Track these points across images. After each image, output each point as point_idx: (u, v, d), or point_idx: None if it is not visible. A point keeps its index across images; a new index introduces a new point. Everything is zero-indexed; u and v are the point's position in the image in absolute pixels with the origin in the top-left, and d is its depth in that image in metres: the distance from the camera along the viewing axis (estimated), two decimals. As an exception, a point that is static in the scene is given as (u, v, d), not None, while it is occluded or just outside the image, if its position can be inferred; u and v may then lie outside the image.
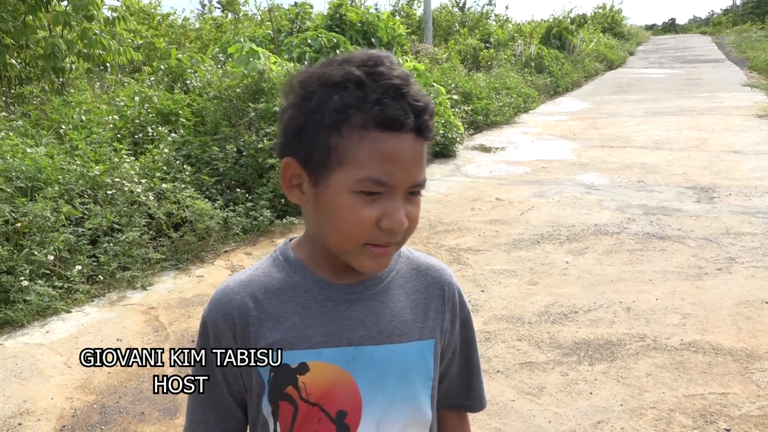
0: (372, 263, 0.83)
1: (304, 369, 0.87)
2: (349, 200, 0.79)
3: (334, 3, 9.09)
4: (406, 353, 0.90)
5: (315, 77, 0.81)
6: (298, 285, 0.89)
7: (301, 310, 0.88)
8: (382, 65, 0.79)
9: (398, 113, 0.76)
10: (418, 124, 0.78)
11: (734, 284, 3.55)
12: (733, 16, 49.19)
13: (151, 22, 13.15)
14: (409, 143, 0.78)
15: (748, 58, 19.44)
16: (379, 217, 0.79)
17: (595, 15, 29.54)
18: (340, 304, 0.88)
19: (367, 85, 0.77)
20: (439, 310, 0.94)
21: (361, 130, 0.77)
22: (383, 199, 0.79)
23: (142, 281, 3.82)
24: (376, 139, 0.77)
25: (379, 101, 0.76)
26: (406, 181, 0.79)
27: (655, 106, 11.31)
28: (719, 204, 5.11)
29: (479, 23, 19.07)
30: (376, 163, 0.77)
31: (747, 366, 2.72)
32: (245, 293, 0.89)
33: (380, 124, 0.76)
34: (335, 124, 0.78)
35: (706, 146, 7.46)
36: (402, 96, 0.77)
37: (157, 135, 5.48)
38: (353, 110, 0.77)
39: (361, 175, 0.78)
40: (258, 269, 0.93)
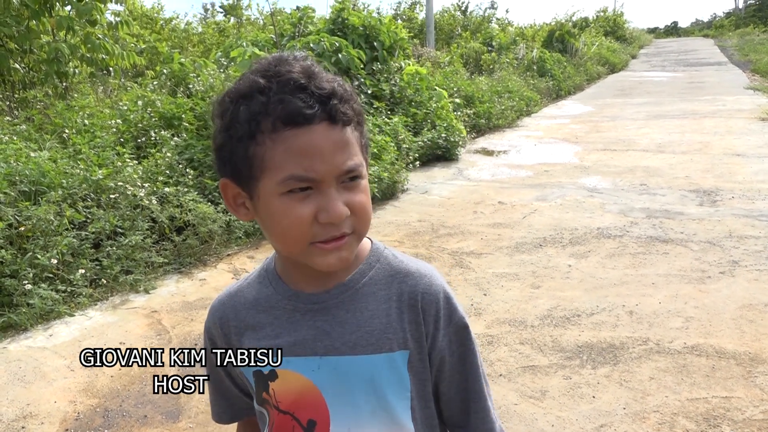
0: (329, 259, 0.81)
1: (273, 376, 0.90)
2: (279, 204, 0.79)
3: (336, 7, 9.11)
4: (374, 365, 0.87)
5: (227, 94, 0.82)
6: (271, 296, 0.91)
7: (273, 320, 0.90)
8: (282, 64, 0.79)
9: (299, 106, 0.76)
10: (327, 111, 0.77)
11: (737, 288, 3.54)
12: (736, 19, 49.19)
13: (154, 27, 13.20)
14: (322, 133, 0.77)
15: (750, 61, 19.43)
16: (315, 213, 0.78)
17: (597, 18, 29.58)
18: (305, 314, 0.88)
19: (270, 88, 0.77)
20: (414, 320, 0.89)
21: (272, 133, 0.77)
22: (314, 195, 0.78)
23: (144, 285, 3.83)
24: (287, 137, 0.76)
25: (281, 100, 0.76)
26: (330, 172, 0.78)
27: (658, 109, 11.31)
28: (722, 207, 5.10)
29: (481, 27, 19.09)
30: (293, 161, 0.77)
31: (750, 370, 2.71)
32: (229, 305, 0.95)
33: (285, 121, 0.76)
34: (249, 135, 0.78)
35: (709, 149, 7.46)
36: (301, 88, 0.77)
37: (159, 139, 5.49)
38: (261, 116, 0.77)
39: (281, 176, 0.77)
40: (246, 280, 0.97)
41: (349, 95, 0.81)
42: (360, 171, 0.81)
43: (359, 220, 0.82)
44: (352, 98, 0.82)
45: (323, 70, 0.81)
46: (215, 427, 2.48)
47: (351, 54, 7.84)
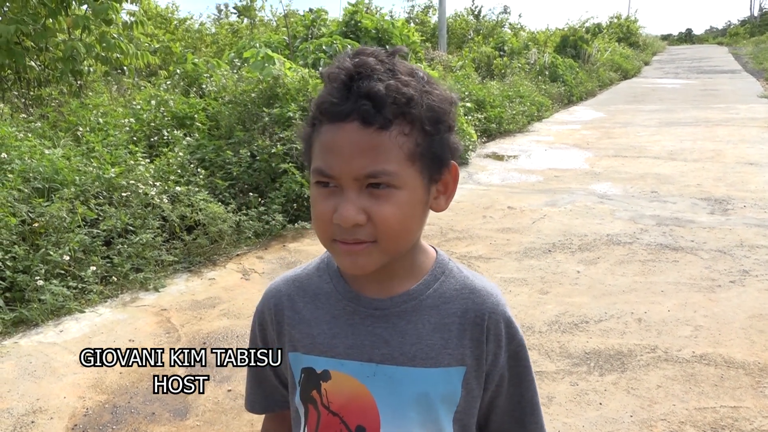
0: (344, 261, 0.80)
1: (326, 376, 0.88)
2: (314, 191, 0.80)
3: (349, 9, 9.15)
4: (430, 379, 0.86)
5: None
6: (331, 294, 0.89)
7: (331, 318, 0.88)
8: (354, 56, 0.78)
9: (337, 103, 0.75)
10: (360, 111, 0.74)
11: (748, 297, 3.52)
12: (751, 27, 48.83)
13: (168, 27, 13.30)
14: (351, 132, 0.75)
15: (765, 69, 19.29)
16: (333, 210, 0.77)
17: (610, 24, 29.47)
18: (365, 319, 0.86)
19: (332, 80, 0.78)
20: (476, 339, 0.87)
21: (319, 123, 0.79)
22: (337, 192, 0.77)
23: (154, 283, 3.86)
24: (324, 130, 0.78)
25: (327, 92, 0.77)
26: (348, 173, 0.75)
27: (670, 116, 11.25)
28: (733, 216, 5.07)
29: (493, 31, 19.08)
30: (321, 155, 0.78)
31: (759, 380, 2.69)
32: (285, 292, 0.93)
33: (326, 115, 0.77)
34: (312, 123, 0.81)
35: (721, 157, 7.41)
36: (344, 84, 0.76)
37: (172, 138, 5.54)
38: (324, 105, 0.78)
39: (313, 166, 0.79)
40: (306, 269, 0.95)
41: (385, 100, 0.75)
42: (388, 179, 0.76)
43: (381, 232, 0.78)
44: (414, 103, 0.76)
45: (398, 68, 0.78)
46: (222, 426, 2.50)
47: (363, 57, 7.87)
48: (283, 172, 5.18)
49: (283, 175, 5.18)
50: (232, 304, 3.62)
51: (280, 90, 5.84)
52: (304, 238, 4.81)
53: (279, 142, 5.35)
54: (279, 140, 5.38)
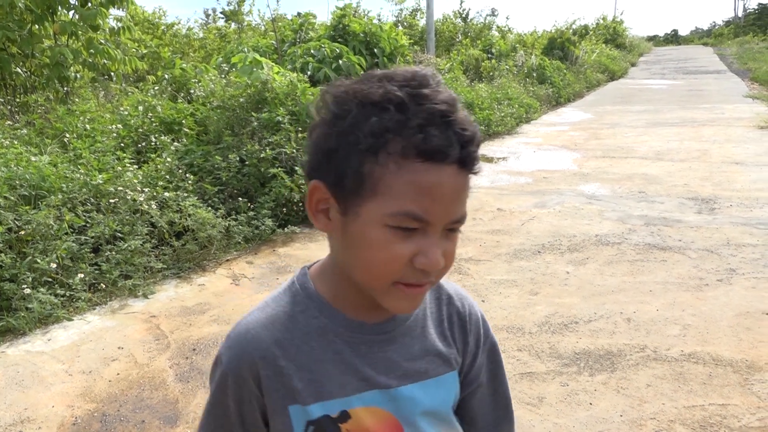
0: (403, 304, 0.76)
1: (345, 417, 0.81)
2: (381, 234, 0.71)
3: (337, 13, 9.16)
4: (442, 387, 0.86)
5: (351, 93, 0.73)
6: (327, 328, 0.81)
7: (333, 356, 0.81)
8: (426, 86, 0.71)
9: (443, 143, 0.69)
10: (463, 155, 0.70)
11: (735, 295, 3.55)
12: (735, 27, 49.39)
13: (156, 32, 13.25)
14: (451, 176, 0.70)
15: (749, 70, 19.49)
16: (414, 254, 0.71)
17: (597, 26, 29.67)
18: (373, 346, 0.82)
19: (409, 108, 0.69)
20: (462, 341, 0.89)
21: (399, 158, 0.69)
22: (418, 235, 0.71)
23: (143, 289, 3.84)
24: (416, 169, 0.69)
25: (422, 128, 0.69)
26: (444, 218, 0.72)
27: (657, 117, 11.34)
28: (720, 215, 5.12)
29: (481, 34, 19.17)
30: (414, 197, 0.69)
31: (747, 377, 2.71)
32: (269, 340, 0.80)
33: (422, 153, 0.69)
34: (371, 149, 0.70)
35: (708, 157, 7.48)
36: (448, 124, 0.70)
37: (160, 144, 5.52)
38: (392, 135, 0.69)
39: (396, 209, 0.70)
40: (278, 307, 0.83)
41: (480, 143, 0.75)
42: (464, 220, 0.76)
43: (445, 270, 0.76)
44: (480, 146, 0.75)
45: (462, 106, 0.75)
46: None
47: (351, 60, 7.88)
48: (272, 176, 5.18)
49: (272, 180, 5.17)
50: (222, 310, 3.61)
51: (268, 94, 5.84)
52: (293, 243, 4.80)
53: (268, 146, 5.34)
54: (268, 145, 5.37)
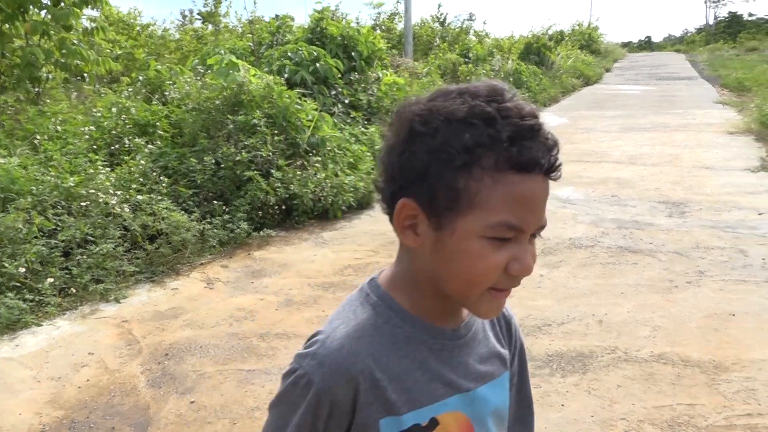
0: (492, 308, 0.80)
1: (434, 424, 0.83)
2: (478, 246, 0.74)
3: (315, 16, 9.14)
4: (503, 385, 0.91)
5: (435, 111, 0.75)
6: (412, 337, 0.83)
7: (420, 363, 0.82)
8: (509, 100, 0.74)
9: (536, 154, 0.72)
10: (551, 163, 0.74)
11: (703, 297, 3.63)
12: (706, 35, 50.46)
13: (131, 33, 13.08)
14: (540, 184, 0.74)
15: (720, 76, 19.90)
16: (508, 262, 0.75)
17: (572, 32, 30.06)
18: (453, 351, 0.85)
19: (498, 122, 0.72)
20: (507, 342, 0.95)
21: (493, 171, 0.72)
22: (511, 243, 0.74)
23: (115, 294, 3.79)
24: (511, 181, 0.72)
25: (513, 141, 0.71)
26: (535, 225, 0.75)
27: (630, 122, 11.52)
28: (690, 218, 5.22)
29: (459, 38, 19.30)
30: (510, 207, 0.72)
31: (714, 377, 2.77)
32: (365, 353, 0.80)
33: (515, 165, 0.71)
34: (465, 165, 0.72)
35: (679, 162, 7.62)
36: (536, 135, 0.73)
37: (133, 146, 5.45)
38: (484, 149, 0.71)
39: (494, 220, 0.73)
40: (362, 320, 0.83)
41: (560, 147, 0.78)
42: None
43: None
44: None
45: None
46: (184, 438, 2.46)
47: (329, 63, 7.87)
48: (247, 179, 5.15)
49: (248, 183, 5.15)
50: (195, 314, 3.58)
51: (244, 97, 5.80)
52: (269, 246, 4.78)
53: (244, 149, 5.31)
54: (244, 147, 5.34)
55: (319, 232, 5.16)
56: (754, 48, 30.60)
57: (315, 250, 4.72)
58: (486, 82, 0.77)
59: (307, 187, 5.28)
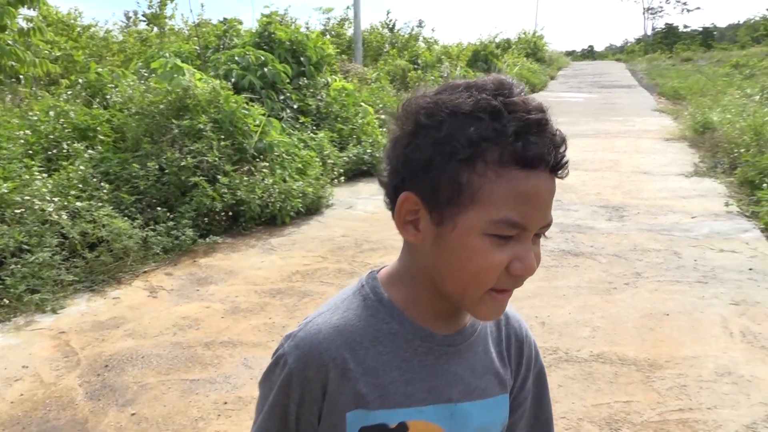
0: (492, 310, 0.76)
1: (403, 429, 0.79)
2: (479, 243, 0.71)
3: (262, 21, 9.06)
4: (497, 407, 0.86)
5: (441, 104, 0.73)
6: (397, 334, 0.80)
7: (401, 363, 0.79)
8: (517, 95, 0.73)
9: (542, 150, 0.70)
10: (557, 159, 0.72)
11: (639, 298, 3.77)
12: (645, 45, 52.61)
13: (71, 34, 12.65)
14: (546, 181, 0.72)
15: (657, 85, 20.76)
16: (510, 261, 0.72)
17: (519, 40, 30.79)
18: (440, 357, 0.81)
19: (504, 117, 0.70)
20: (517, 363, 0.89)
21: (497, 166, 0.70)
22: (514, 242, 0.72)
23: (52, 304, 3.65)
24: (515, 177, 0.70)
25: (518, 135, 0.69)
26: (539, 223, 0.73)
27: (574, 128, 11.87)
28: (628, 222, 5.42)
29: (408, 45, 19.48)
30: (513, 204, 0.70)
31: (649, 375, 2.89)
32: (341, 342, 0.78)
33: (520, 161, 0.69)
34: (469, 159, 0.70)
35: (619, 167, 7.91)
36: (543, 130, 0.71)
37: (72, 151, 5.27)
38: (489, 144, 0.70)
39: (496, 217, 0.70)
40: (348, 310, 0.81)
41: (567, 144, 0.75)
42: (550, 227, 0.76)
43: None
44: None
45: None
46: (124, 452, 2.39)
47: (277, 68, 7.82)
48: (193, 185, 5.06)
49: (193, 189, 5.05)
50: (137, 324, 3.48)
51: (190, 101, 5.70)
52: (215, 253, 4.70)
53: (189, 154, 5.21)
54: (189, 153, 5.24)
55: (266, 238, 5.11)
56: (689, 58, 32.09)
57: (262, 256, 4.67)
58: (494, 77, 0.75)
59: (254, 192, 5.23)
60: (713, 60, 27.85)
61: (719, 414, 2.57)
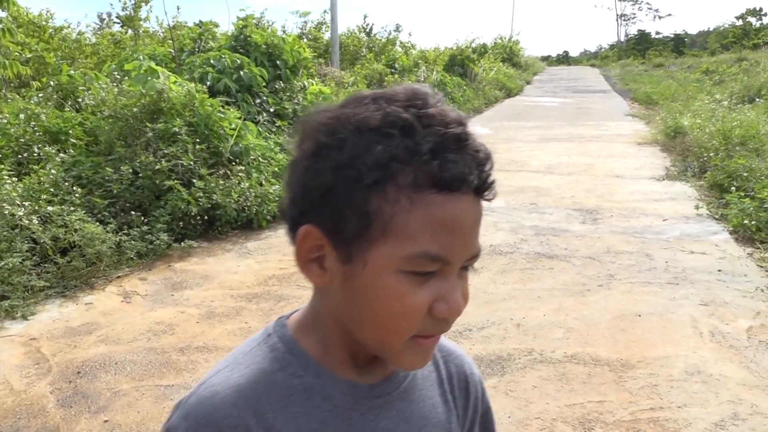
0: (418, 359, 0.66)
1: None
2: (395, 282, 0.61)
3: (238, 24, 9.02)
4: None
5: (344, 119, 0.62)
6: (313, 390, 0.67)
7: (320, 424, 0.67)
8: (431, 105, 0.62)
9: (463, 170, 0.59)
10: (480, 181, 0.61)
11: (612, 299, 3.83)
12: (619, 51, 53.52)
13: (42, 35, 12.45)
14: (469, 206, 0.61)
15: (630, 90, 21.13)
16: (432, 301, 0.61)
17: (495, 45, 31.07)
18: (367, 413, 0.69)
19: (418, 132, 0.59)
20: (462, 406, 0.79)
21: (411, 191, 0.59)
22: (436, 278, 0.61)
23: (22, 310, 3.58)
24: (432, 203, 0.59)
25: (435, 154, 0.59)
26: (464, 254, 0.62)
27: (549, 132, 12.03)
28: (602, 225, 5.50)
29: (385, 49, 19.55)
30: (432, 234, 0.60)
31: (621, 375, 2.94)
32: (243, 406, 0.64)
33: (437, 183, 0.59)
34: (378, 183, 0.59)
35: (592, 171, 8.02)
36: (463, 147, 0.60)
37: (44, 155, 5.18)
38: (400, 164, 0.59)
39: (412, 251, 0.60)
40: (252, 365, 0.68)
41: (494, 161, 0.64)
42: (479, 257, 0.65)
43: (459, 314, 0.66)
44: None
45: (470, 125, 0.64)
46: (97, 459, 2.36)
47: (253, 72, 7.79)
48: (168, 189, 5.01)
49: (168, 192, 5.00)
50: (111, 330, 3.44)
51: (164, 105, 5.64)
52: (191, 258, 4.66)
53: (164, 158, 5.16)
54: (164, 156, 5.19)
55: (243, 242, 5.09)
56: (661, 64, 32.69)
57: (238, 260, 4.64)
58: (406, 86, 0.65)
59: (230, 196, 5.20)
60: (684, 66, 28.43)
61: (689, 412, 2.63)
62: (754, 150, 7.27)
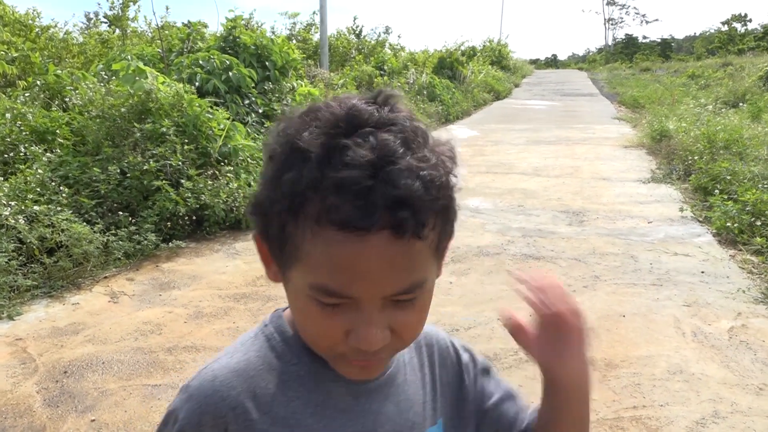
0: (354, 371, 0.67)
1: None
2: (307, 304, 0.61)
3: (227, 25, 9.01)
4: None
5: (283, 133, 0.61)
6: (308, 377, 0.70)
7: (314, 408, 0.69)
8: (358, 128, 0.57)
9: (352, 214, 0.55)
10: (394, 221, 0.55)
11: (597, 300, 3.88)
12: (606, 54, 53.98)
13: (28, 34, 12.34)
14: (379, 247, 0.56)
15: (617, 93, 21.32)
16: (346, 330, 0.61)
17: (484, 48, 31.21)
18: (359, 398, 0.71)
19: (330, 162, 0.56)
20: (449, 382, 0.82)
21: (314, 223, 0.57)
22: (348, 309, 0.60)
23: (8, 311, 3.56)
24: (332, 240, 0.56)
25: (339, 189, 0.55)
26: (375, 294, 0.59)
27: (536, 135, 12.11)
28: (588, 227, 5.56)
29: (375, 51, 19.58)
30: (329, 271, 0.58)
31: (605, 374, 2.98)
32: (241, 389, 0.67)
33: (336, 222, 0.55)
34: (290, 209, 0.58)
35: (579, 173, 8.10)
36: (365, 188, 0.54)
37: (30, 154, 5.15)
38: (311, 193, 0.56)
39: (314, 281, 0.59)
40: (250, 352, 0.71)
41: (440, 187, 0.58)
42: (420, 288, 0.62)
43: (401, 341, 0.65)
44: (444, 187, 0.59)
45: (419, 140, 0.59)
46: (84, 459, 2.36)
47: (242, 73, 7.78)
48: (156, 189, 5.00)
49: (156, 193, 4.99)
50: (98, 329, 3.43)
51: (152, 105, 5.63)
52: (178, 258, 4.66)
53: (152, 158, 5.15)
54: (152, 156, 5.18)
55: (231, 242, 5.08)
56: (648, 68, 33.04)
57: (227, 261, 4.64)
58: (348, 103, 0.60)
59: (218, 197, 5.20)
60: (671, 70, 28.75)
61: (671, 411, 2.67)
62: (738, 154, 7.38)
